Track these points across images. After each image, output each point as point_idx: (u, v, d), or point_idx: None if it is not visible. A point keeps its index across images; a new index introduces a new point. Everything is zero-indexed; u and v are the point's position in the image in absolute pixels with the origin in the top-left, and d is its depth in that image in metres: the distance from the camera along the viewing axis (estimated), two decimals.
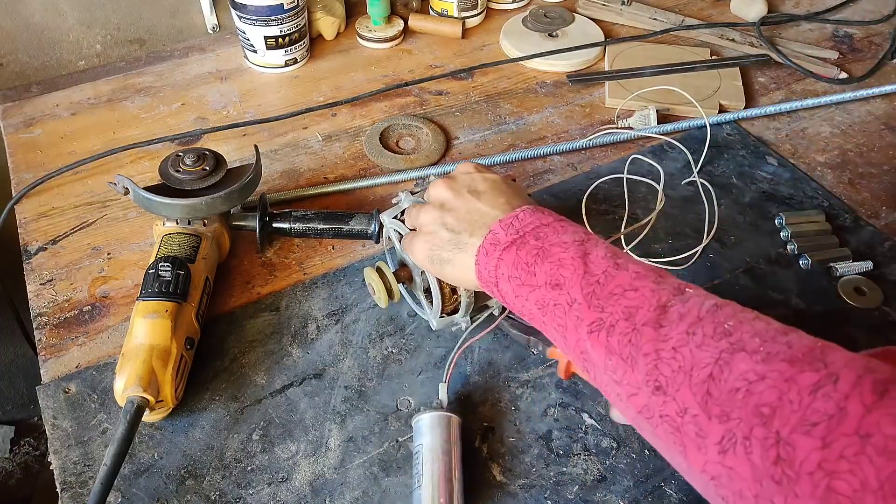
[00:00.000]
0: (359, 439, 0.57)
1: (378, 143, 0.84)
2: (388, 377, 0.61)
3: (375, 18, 1.01)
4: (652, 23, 1.05)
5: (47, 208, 0.77)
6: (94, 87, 0.93)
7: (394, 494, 0.54)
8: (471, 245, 0.52)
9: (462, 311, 0.60)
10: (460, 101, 0.92)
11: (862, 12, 1.10)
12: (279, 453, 0.56)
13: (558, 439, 0.57)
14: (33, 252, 0.72)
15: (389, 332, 0.65)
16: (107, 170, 0.81)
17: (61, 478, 0.55)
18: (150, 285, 0.59)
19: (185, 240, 0.63)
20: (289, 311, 0.67)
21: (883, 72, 0.98)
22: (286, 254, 0.72)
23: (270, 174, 0.81)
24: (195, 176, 0.65)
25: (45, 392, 0.60)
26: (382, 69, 0.98)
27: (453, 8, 1.04)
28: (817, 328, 0.38)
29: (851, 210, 0.77)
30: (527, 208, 0.51)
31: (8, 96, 0.91)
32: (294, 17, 0.92)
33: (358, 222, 0.70)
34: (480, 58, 1.00)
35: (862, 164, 0.83)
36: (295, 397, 0.60)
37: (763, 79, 0.96)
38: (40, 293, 0.68)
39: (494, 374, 0.62)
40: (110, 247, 0.73)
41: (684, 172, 0.81)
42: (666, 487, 0.55)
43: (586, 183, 0.79)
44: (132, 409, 0.53)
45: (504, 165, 0.82)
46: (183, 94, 0.93)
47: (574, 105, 0.92)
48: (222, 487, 0.54)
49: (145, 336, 0.56)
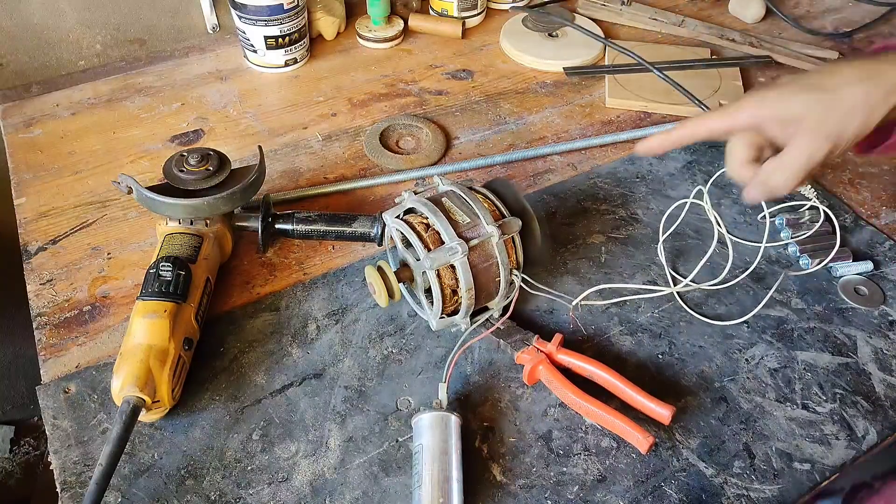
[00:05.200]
0: (359, 439, 0.57)
1: (378, 143, 0.84)
2: (388, 377, 0.61)
3: (375, 18, 1.01)
4: (652, 23, 1.05)
5: (47, 208, 0.77)
6: (94, 87, 0.93)
7: (394, 494, 0.54)
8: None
9: (462, 312, 0.60)
10: (460, 101, 0.92)
11: (862, 12, 1.10)
12: (279, 453, 0.56)
13: (558, 439, 0.57)
14: (33, 252, 0.72)
15: (389, 332, 0.65)
16: (107, 170, 0.81)
17: (61, 478, 0.55)
18: (151, 285, 0.59)
19: (187, 240, 0.63)
20: (289, 310, 0.66)
21: None
22: (286, 254, 0.72)
23: (270, 174, 0.81)
24: (199, 176, 0.65)
25: (45, 392, 0.60)
26: (382, 69, 0.98)
27: (453, 8, 1.04)
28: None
29: (851, 210, 0.77)
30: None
31: (8, 96, 0.91)
32: (294, 17, 0.92)
33: (361, 225, 0.70)
34: (480, 58, 1.00)
35: (862, 164, 0.83)
36: (295, 397, 0.60)
37: (763, 79, 0.96)
38: (40, 293, 0.68)
39: (494, 374, 0.62)
40: (110, 247, 0.73)
41: (684, 172, 0.81)
42: (666, 487, 0.55)
43: (586, 183, 0.79)
44: (128, 409, 0.53)
45: (504, 165, 0.83)
46: (183, 94, 0.93)
47: (574, 105, 0.92)
48: (222, 487, 0.54)
49: (143, 336, 0.56)
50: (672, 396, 0.59)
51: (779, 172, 0.54)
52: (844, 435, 0.58)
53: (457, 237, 0.57)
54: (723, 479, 0.55)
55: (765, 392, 0.61)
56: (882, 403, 0.60)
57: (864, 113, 0.52)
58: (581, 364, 0.60)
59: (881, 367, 0.63)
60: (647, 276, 0.70)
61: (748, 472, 0.55)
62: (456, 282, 0.58)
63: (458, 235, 0.57)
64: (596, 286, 0.66)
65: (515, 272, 0.61)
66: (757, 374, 0.62)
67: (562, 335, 0.61)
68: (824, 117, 0.53)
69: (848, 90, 0.52)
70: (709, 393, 0.60)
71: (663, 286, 0.68)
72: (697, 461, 0.56)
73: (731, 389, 0.61)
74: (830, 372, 0.62)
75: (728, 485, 0.55)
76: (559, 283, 0.69)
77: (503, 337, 0.62)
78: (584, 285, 0.68)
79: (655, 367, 0.62)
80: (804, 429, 0.58)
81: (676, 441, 0.57)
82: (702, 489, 0.55)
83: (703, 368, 0.62)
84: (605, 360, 0.60)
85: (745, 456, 0.56)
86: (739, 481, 0.55)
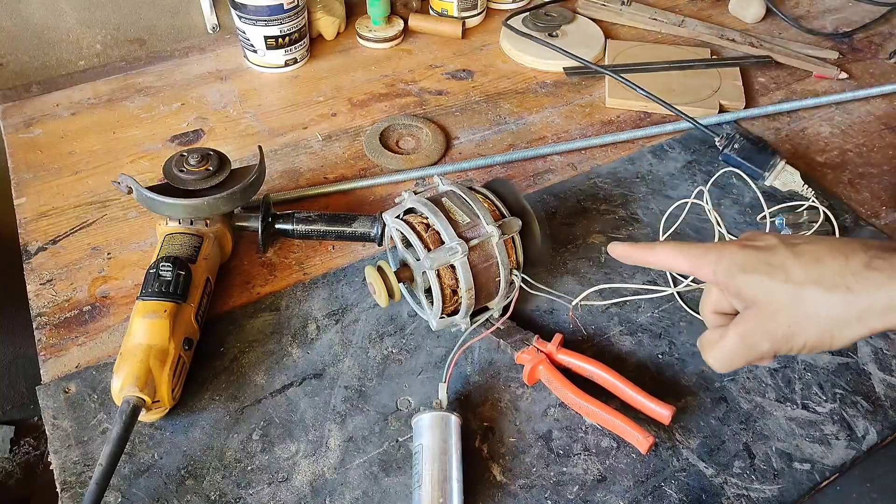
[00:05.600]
0: (359, 439, 0.57)
1: (378, 143, 0.84)
2: (388, 377, 0.61)
3: (375, 18, 1.01)
4: (652, 23, 1.05)
5: (47, 208, 0.77)
6: (94, 87, 0.93)
7: (394, 494, 0.54)
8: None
9: (462, 312, 0.60)
10: (460, 101, 0.92)
11: (862, 12, 1.10)
12: (279, 453, 0.56)
13: (558, 439, 0.57)
14: (33, 252, 0.72)
15: (389, 332, 0.65)
16: (107, 170, 0.81)
17: (61, 478, 0.55)
18: (151, 285, 0.59)
19: (187, 240, 0.63)
20: (289, 311, 0.66)
21: (883, 72, 0.98)
22: (286, 254, 0.72)
23: (270, 174, 0.81)
24: (199, 176, 0.65)
25: (45, 392, 0.60)
26: (382, 69, 0.98)
27: (453, 8, 1.04)
28: None
29: (851, 210, 0.77)
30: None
31: (8, 96, 0.91)
32: (294, 17, 0.92)
33: (361, 225, 0.70)
34: (480, 58, 1.00)
35: (862, 164, 0.83)
36: (295, 397, 0.60)
37: (763, 79, 0.96)
38: (40, 293, 0.68)
39: (494, 374, 0.62)
40: (110, 247, 0.73)
41: (685, 172, 0.81)
42: (666, 487, 0.55)
43: (586, 183, 0.79)
44: (128, 409, 0.53)
45: (504, 165, 0.83)
46: (183, 94, 0.93)
47: (574, 105, 0.92)
48: (222, 487, 0.54)
49: (143, 336, 0.56)
50: (672, 396, 0.59)
51: (714, 349, 0.46)
52: (844, 435, 0.58)
53: (457, 237, 0.57)
54: (723, 479, 0.55)
55: (765, 392, 0.61)
56: (882, 403, 0.60)
57: (823, 329, 0.42)
58: (581, 364, 0.60)
59: (881, 366, 0.63)
60: (647, 276, 0.70)
61: (748, 472, 0.55)
62: (456, 282, 0.58)
63: (458, 235, 0.57)
64: (596, 286, 0.66)
65: (515, 272, 0.61)
66: (757, 374, 0.62)
67: (562, 335, 0.61)
68: (773, 313, 0.43)
69: (813, 295, 0.42)
70: (709, 393, 0.60)
71: (663, 286, 0.68)
72: (697, 461, 0.56)
73: (730, 389, 0.61)
74: (830, 372, 0.62)
75: (728, 485, 0.55)
76: (559, 283, 0.69)
77: (503, 337, 0.62)
78: (584, 285, 0.68)
79: (655, 367, 0.62)
80: (804, 429, 0.58)
81: (676, 441, 0.57)
82: (702, 489, 0.55)
83: (703, 368, 0.62)
84: (605, 360, 0.60)
85: (745, 456, 0.56)
86: (739, 481, 0.55)
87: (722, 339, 0.46)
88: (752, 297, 0.44)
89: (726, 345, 0.45)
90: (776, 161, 0.76)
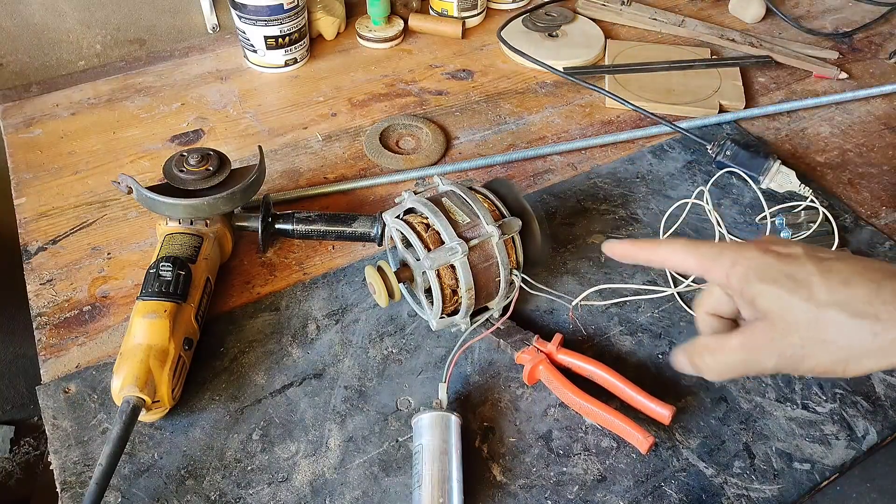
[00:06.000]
0: (359, 439, 0.57)
1: (378, 143, 0.84)
2: (388, 377, 0.61)
3: (375, 18, 1.01)
4: (652, 23, 1.05)
5: (47, 208, 0.77)
6: (94, 87, 0.93)
7: (394, 494, 0.54)
8: None
9: (462, 312, 0.60)
10: (460, 101, 0.92)
11: (862, 12, 1.10)
12: (279, 453, 0.56)
13: (558, 439, 0.57)
14: (33, 252, 0.72)
15: (389, 332, 0.65)
16: (107, 170, 0.81)
17: (61, 478, 0.55)
18: (151, 285, 0.59)
19: (187, 240, 0.63)
20: (289, 311, 0.66)
21: (883, 72, 0.98)
22: (286, 254, 0.72)
23: (270, 174, 0.81)
24: (199, 176, 0.65)
25: (45, 392, 0.60)
26: (382, 69, 0.98)
27: (453, 8, 1.04)
28: None
29: (851, 210, 0.77)
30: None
31: (8, 96, 0.91)
32: (294, 17, 0.92)
33: (361, 225, 0.70)
34: (480, 58, 1.00)
35: (862, 164, 0.83)
36: (295, 397, 0.60)
37: (763, 79, 0.96)
38: (40, 293, 0.68)
39: (494, 374, 0.62)
40: (110, 247, 0.73)
41: (685, 172, 0.81)
42: (666, 487, 0.55)
43: (586, 183, 0.79)
44: (128, 409, 0.53)
45: (504, 165, 0.83)
46: (183, 94, 0.93)
47: (574, 105, 0.92)
48: (222, 487, 0.54)
49: (143, 336, 0.56)
50: (672, 396, 0.59)
51: (711, 356, 0.44)
52: (844, 435, 0.58)
53: (457, 237, 0.57)
54: (723, 479, 0.55)
55: (765, 392, 0.61)
56: (882, 403, 0.60)
57: (838, 357, 0.39)
58: (581, 364, 0.60)
59: None
60: (647, 276, 0.70)
61: (748, 472, 0.55)
62: (456, 282, 0.58)
63: (458, 235, 0.57)
64: (596, 286, 0.66)
65: (515, 272, 0.61)
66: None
67: (562, 335, 0.61)
68: (787, 331, 0.40)
69: (836, 319, 0.39)
70: (709, 393, 0.60)
71: (663, 286, 0.68)
72: (697, 461, 0.56)
73: (730, 389, 0.61)
74: None
75: (728, 485, 0.55)
76: (559, 283, 0.69)
77: (503, 337, 0.62)
78: (584, 285, 0.68)
79: (655, 367, 0.62)
80: (804, 429, 0.58)
81: (676, 441, 0.57)
82: (702, 489, 0.55)
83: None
84: (605, 360, 0.60)
85: (745, 456, 0.56)
86: (739, 481, 0.55)
87: (722, 347, 0.43)
88: (766, 309, 0.41)
89: (727, 354, 0.43)
90: (769, 164, 0.76)
